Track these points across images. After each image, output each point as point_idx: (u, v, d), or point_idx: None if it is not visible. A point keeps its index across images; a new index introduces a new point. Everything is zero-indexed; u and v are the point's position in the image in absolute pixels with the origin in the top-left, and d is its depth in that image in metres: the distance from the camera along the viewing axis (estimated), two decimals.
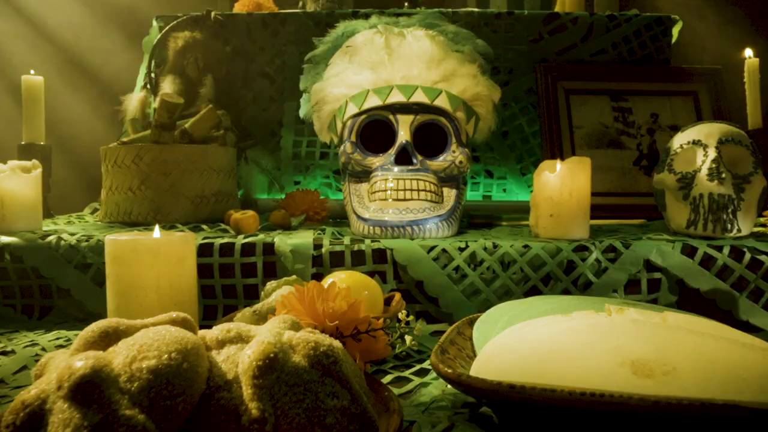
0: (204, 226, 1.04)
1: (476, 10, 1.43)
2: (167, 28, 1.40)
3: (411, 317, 0.68)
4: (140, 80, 1.49)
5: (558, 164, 0.94)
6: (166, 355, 0.39)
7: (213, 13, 1.42)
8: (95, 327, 0.42)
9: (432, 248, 0.85)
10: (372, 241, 0.87)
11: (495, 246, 0.86)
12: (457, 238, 0.90)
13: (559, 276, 0.85)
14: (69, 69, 1.75)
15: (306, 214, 1.15)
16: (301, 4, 1.60)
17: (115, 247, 0.66)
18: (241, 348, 0.44)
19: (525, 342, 0.57)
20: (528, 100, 1.42)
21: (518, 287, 0.85)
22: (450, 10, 1.39)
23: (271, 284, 0.76)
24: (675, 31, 1.47)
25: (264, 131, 1.42)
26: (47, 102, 1.47)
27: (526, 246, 0.86)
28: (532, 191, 1.39)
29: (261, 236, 0.90)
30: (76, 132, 1.74)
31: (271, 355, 0.41)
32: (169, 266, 0.67)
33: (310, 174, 1.38)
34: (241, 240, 0.88)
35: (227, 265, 0.87)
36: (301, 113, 1.18)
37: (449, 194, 0.98)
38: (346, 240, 0.88)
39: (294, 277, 0.76)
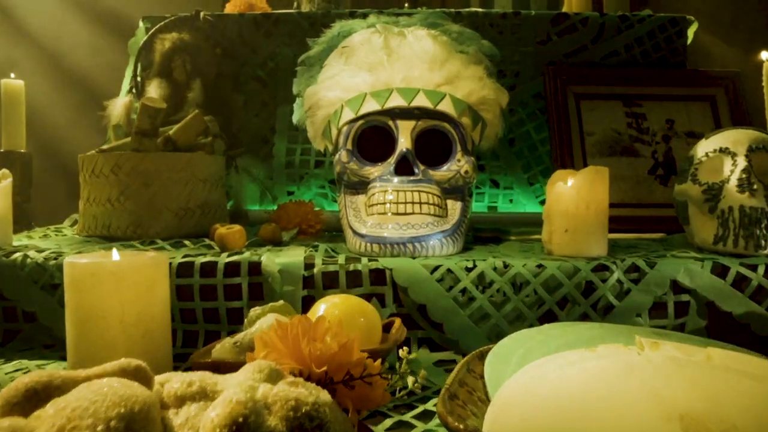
0: (187, 242, 0.95)
1: (480, 10, 1.36)
2: (154, 29, 1.33)
3: (414, 354, 0.59)
4: (126, 84, 1.42)
5: (573, 175, 0.86)
6: (102, 425, 0.31)
7: (202, 14, 1.35)
8: (20, 383, 0.34)
9: (436, 268, 0.77)
10: (369, 260, 0.79)
11: (506, 265, 0.77)
12: (462, 257, 0.82)
13: (577, 299, 0.77)
14: (52, 72, 1.66)
15: (299, 227, 1.06)
16: (296, 4, 1.52)
17: (74, 270, 0.58)
18: (204, 407, 0.35)
19: (546, 384, 0.49)
20: (536, 105, 1.34)
21: (531, 311, 0.77)
22: (453, 10, 1.31)
23: (255, 311, 0.67)
24: (690, 33, 1.39)
25: (255, 138, 1.34)
26: (28, 107, 1.39)
27: (540, 265, 0.77)
28: (542, 202, 1.33)
29: (247, 254, 0.81)
30: (59, 138, 1.66)
31: (240, 419, 0.33)
32: (136, 293, 0.58)
33: (305, 184, 1.30)
34: (224, 258, 0.80)
35: (209, 287, 0.79)
36: (294, 119, 1.10)
37: (454, 207, 0.89)
38: (341, 259, 0.79)
39: (281, 302, 0.68)
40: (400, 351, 0.57)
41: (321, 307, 0.68)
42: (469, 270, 0.77)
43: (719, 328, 0.78)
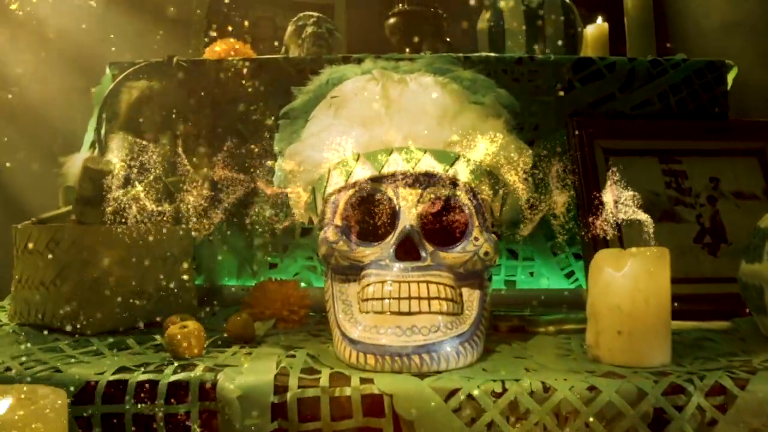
0: (130, 341, 0.75)
1: (493, 54, 1.19)
2: (121, 76, 1.16)
3: None
4: (88, 139, 1.24)
5: (624, 258, 0.67)
6: None
7: (175, 59, 1.19)
8: None
9: (452, 393, 0.57)
10: (362, 381, 0.59)
11: (546, 388, 0.57)
12: (486, 373, 0.61)
13: None
14: (8, 122, 1.49)
15: (279, 314, 0.87)
16: (284, 49, 1.36)
17: None
18: None
19: None
20: (558, 163, 1.16)
21: None
22: (461, 54, 1.15)
23: None
24: (730, 79, 1.22)
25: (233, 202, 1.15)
26: None
27: (591, 388, 0.57)
28: (568, 275, 1.12)
29: (199, 370, 0.61)
30: (17, 198, 1.47)
31: None
32: None
33: (289, 255, 1.11)
34: (168, 376, 0.60)
35: (146, 417, 0.58)
36: (276, 182, 0.92)
37: (471, 298, 0.70)
38: (324, 378, 0.59)
39: None
40: None
41: None
42: (497, 396, 0.57)
43: None
